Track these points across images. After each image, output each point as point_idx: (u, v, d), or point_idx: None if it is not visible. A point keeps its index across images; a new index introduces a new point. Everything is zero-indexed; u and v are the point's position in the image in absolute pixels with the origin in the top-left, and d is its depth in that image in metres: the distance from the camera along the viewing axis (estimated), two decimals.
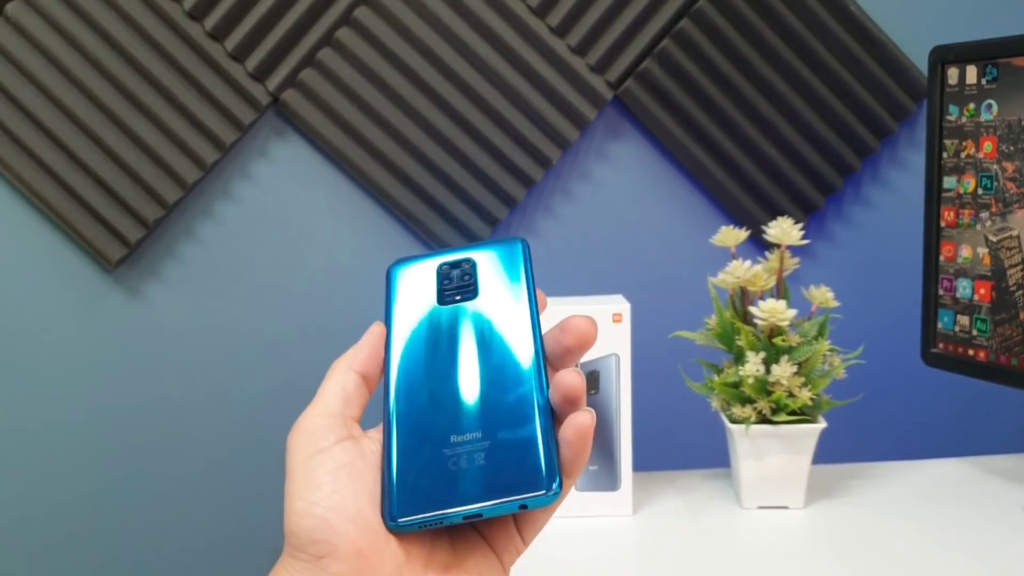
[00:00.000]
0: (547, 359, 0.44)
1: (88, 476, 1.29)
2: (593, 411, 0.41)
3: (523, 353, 0.43)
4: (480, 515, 0.39)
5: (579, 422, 0.40)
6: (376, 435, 0.43)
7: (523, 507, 0.39)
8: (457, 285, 0.47)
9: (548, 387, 0.42)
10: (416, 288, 0.48)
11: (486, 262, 0.48)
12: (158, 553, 1.31)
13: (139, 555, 1.31)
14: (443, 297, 0.47)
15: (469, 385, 0.43)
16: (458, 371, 0.43)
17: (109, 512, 1.30)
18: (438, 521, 0.39)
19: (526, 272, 0.47)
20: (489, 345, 0.44)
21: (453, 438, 0.41)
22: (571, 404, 0.41)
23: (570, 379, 0.41)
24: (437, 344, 0.45)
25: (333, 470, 0.40)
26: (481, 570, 0.41)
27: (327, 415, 0.42)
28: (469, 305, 0.46)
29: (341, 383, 0.43)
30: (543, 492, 0.39)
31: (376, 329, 0.46)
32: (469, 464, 0.40)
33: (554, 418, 0.41)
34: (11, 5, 1.18)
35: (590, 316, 0.44)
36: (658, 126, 1.29)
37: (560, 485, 0.39)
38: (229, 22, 1.20)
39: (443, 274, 0.48)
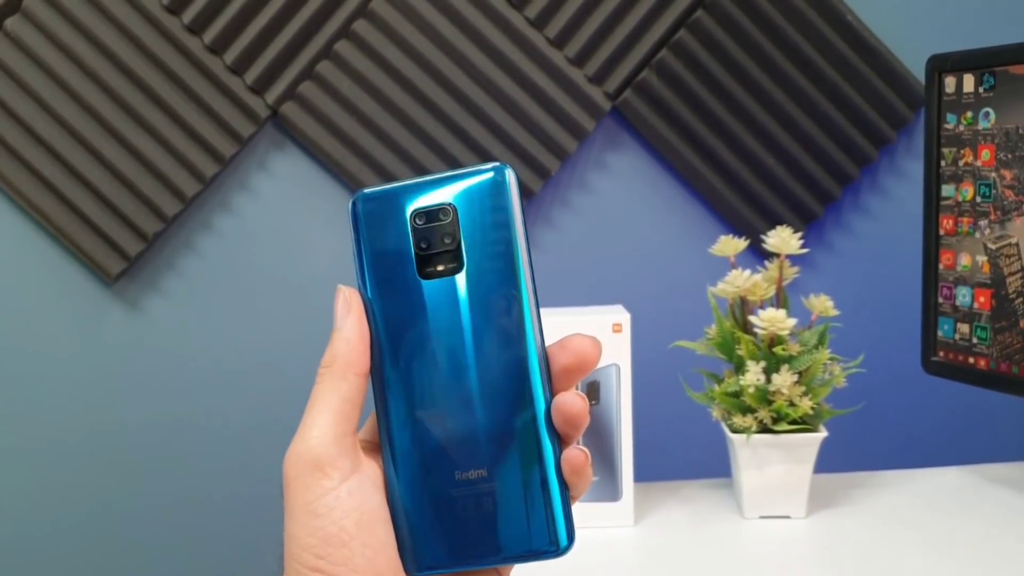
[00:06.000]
0: (546, 365, 0.41)
1: (87, 491, 1.29)
2: (587, 450, 0.41)
3: (523, 361, 0.40)
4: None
5: (575, 462, 0.40)
6: (371, 438, 0.42)
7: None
8: (437, 250, 0.40)
9: (550, 402, 0.40)
10: (390, 243, 0.41)
11: (468, 207, 0.40)
12: (158, 570, 1.31)
13: (139, 572, 1.31)
14: (423, 265, 0.40)
15: (470, 407, 0.40)
16: (456, 387, 0.40)
17: (109, 527, 1.29)
18: (458, 568, 0.41)
19: (512, 223, 0.40)
20: (485, 350, 0.40)
21: (463, 475, 0.40)
22: (574, 428, 0.40)
23: (575, 407, 0.40)
24: (427, 345, 0.40)
25: (340, 520, 0.38)
26: None
27: (329, 442, 0.39)
28: (453, 285, 0.40)
29: (341, 395, 0.40)
30: (557, 550, 0.40)
31: (356, 308, 0.41)
32: (485, 511, 0.40)
33: (559, 441, 0.41)
34: (10, 20, 1.18)
35: (594, 337, 0.41)
36: (657, 136, 1.29)
37: (572, 539, 0.41)
38: (228, 35, 1.21)
39: (419, 230, 0.41)
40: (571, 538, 0.40)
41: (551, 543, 0.40)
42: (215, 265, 1.28)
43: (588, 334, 0.41)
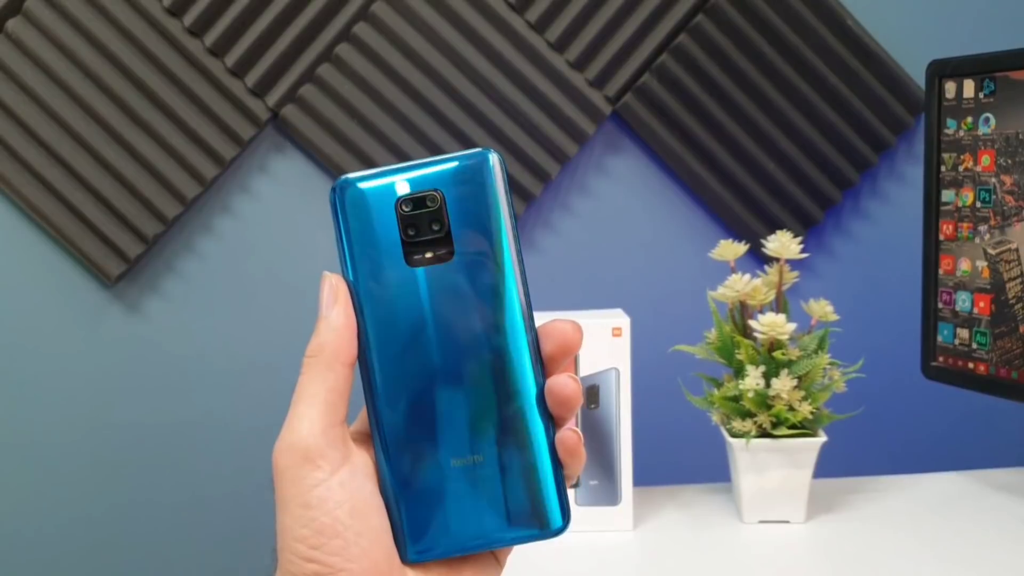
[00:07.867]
0: (536, 347, 0.40)
1: (87, 491, 1.28)
2: (579, 431, 0.40)
3: (514, 344, 0.40)
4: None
5: (569, 443, 0.40)
6: (363, 429, 0.42)
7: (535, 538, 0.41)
8: (425, 237, 0.40)
9: (542, 385, 0.40)
10: (376, 230, 0.40)
11: (455, 193, 0.40)
12: (158, 570, 1.31)
13: (139, 572, 1.31)
14: (410, 252, 0.40)
15: (460, 390, 0.40)
16: (447, 373, 0.40)
17: (109, 527, 1.29)
18: (454, 553, 0.40)
19: (500, 208, 0.40)
20: (476, 335, 0.40)
21: (457, 460, 0.40)
22: (568, 410, 0.40)
23: (568, 388, 0.40)
24: (416, 332, 0.40)
25: (333, 511, 0.38)
26: (477, 572, 0.42)
27: (318, 433, 0.39)
28: (443, 271, 0.40)
29: (328, 385, 0.39)
30: (555, 528, 0.40)
31: (343, 297, 0.41)
32: (479, 495, 0.40)
33: (552, 423, 0.41)
34: (12, 21, 1.18)
35: (574, 320, 0.41)
36: (657, 140, 1.29)
37: (568, 520, 0.40)
38: (229, 38, 1.21)
39: (406, 217, 0.40)
40: (566, 519, 0.40)
41: (547, 524, 0.40)
42: (215, 267, 1.28)
43: (567, 319, 0.41)
